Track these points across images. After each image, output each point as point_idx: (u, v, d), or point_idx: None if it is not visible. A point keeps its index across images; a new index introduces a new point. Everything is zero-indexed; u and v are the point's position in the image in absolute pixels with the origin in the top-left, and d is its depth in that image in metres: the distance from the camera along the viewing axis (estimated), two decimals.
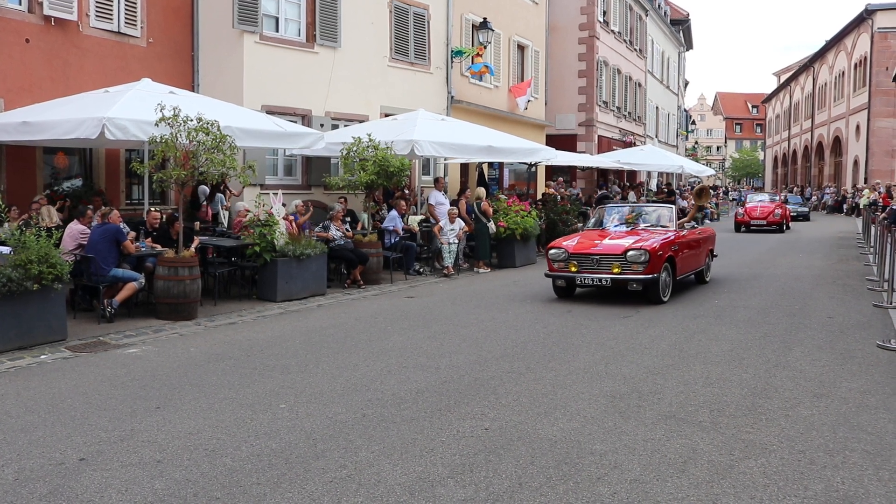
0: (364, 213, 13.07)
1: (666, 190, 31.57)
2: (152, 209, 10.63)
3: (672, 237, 10.65)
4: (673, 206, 12.01)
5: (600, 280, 9.99)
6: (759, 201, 27.64)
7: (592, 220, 12.30)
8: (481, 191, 15.54)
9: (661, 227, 11.21)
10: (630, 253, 9.82)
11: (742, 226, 26.11)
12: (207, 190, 12.96)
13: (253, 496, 4.01)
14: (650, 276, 9.78)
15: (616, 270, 9.88)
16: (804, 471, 4.33)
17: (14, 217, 9.94)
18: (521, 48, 23.79)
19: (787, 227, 26.64)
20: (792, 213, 32.38)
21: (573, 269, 10.15)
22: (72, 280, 8.52)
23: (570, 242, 10.58)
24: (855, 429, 5.05)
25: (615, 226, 11.53)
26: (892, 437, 4.87)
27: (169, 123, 8.83)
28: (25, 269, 7.31)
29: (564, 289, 10.67)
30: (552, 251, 10.42)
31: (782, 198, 30.53)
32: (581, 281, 10.13)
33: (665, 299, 10.13)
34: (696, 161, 46.83)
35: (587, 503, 3.92)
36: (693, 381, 6.28)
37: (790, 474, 4.28)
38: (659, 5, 40.10)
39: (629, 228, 11.28)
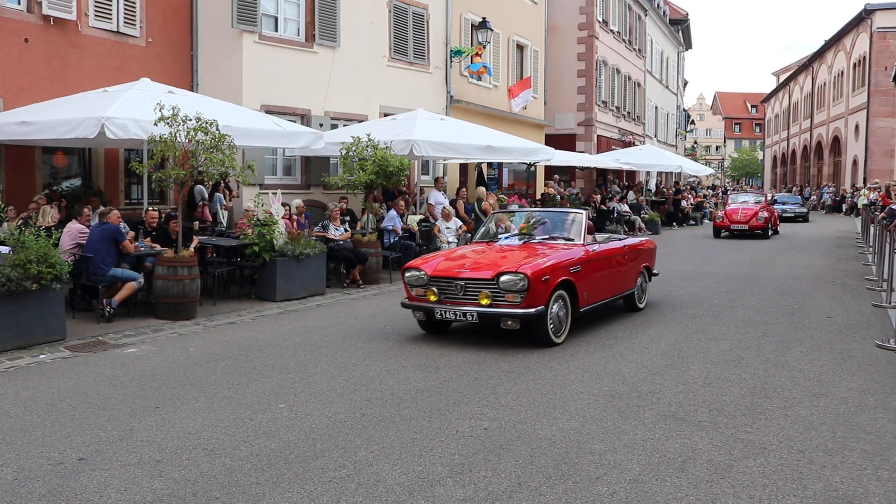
0: (368, 213, 13.06)
1: (673, 189, 31.61)
2: (150, 209, 10.61)
3: (574, 255, 8.04)
4: (584, 212, 8.97)
5: (464, 314, 7.32)
6: (742, 202, 24.33)
7: (482, 230, 9.40)
8: (482, 190, 15.56)
9: (565, 239, 8.50)
10: (503, 278, 7.15)
11: (721, 230, 22.89)
12: (204, 190, 12.95)
13: (252, 496, 4.01)
14: (530, 309, 7.15)
15: (485, 302, 7.25)
16: (803, 470, 4.33)
17: (12, 217, 9.94)
18: (521, 48, 23.79)
19: (775, 232, 23.88)
20: (789, 214, 31.43)
21: (432, 298, 7.51)
22: (71, 280, 8.52)
23: (433, 262, 7.86)
24: (854, 428, 5.05)
25: (505, 237, 8.72)
26: (891, 437, 4.88)
27: (168, 123, 8.83)
28: (24, 269, 7.31)
29: (434, 324, 8.03)
30: (408, 273, 7.77)
31: (769, 198, 27.35)
32: (441, 314, 7.44)
33: (558, 340, 7.52)
34: (696, 161, 46.87)
35: (586, 503, 3.92)
36: (692, 380, 6.29)
37: (789, 474, 4.28)
38: (658, 5, 40.10)
39: (522, 242, 8.48)
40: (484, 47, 20.16)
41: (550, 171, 24.86)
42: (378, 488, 4.09)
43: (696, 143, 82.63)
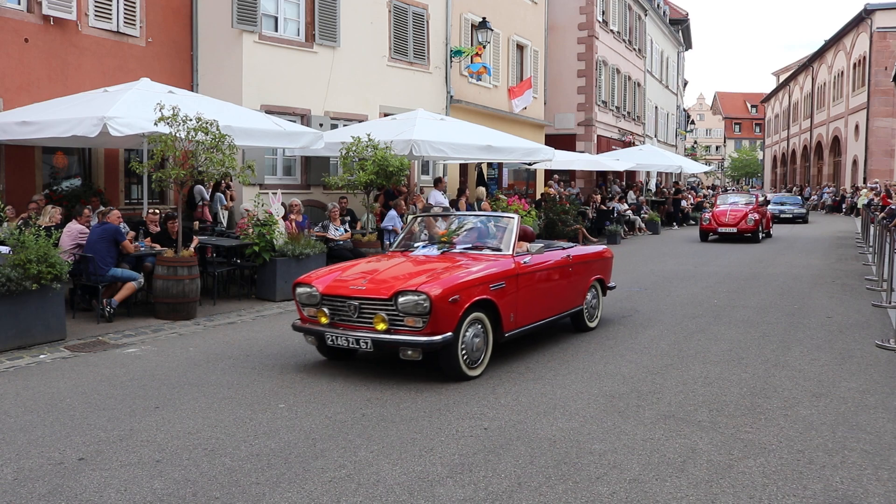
0: (371, 214, 13.06)
1: (673, 189, 31.58)
2: (150, 212, 10.60)
3: (499, 268, 6.69)
4: (516, 218, 7.45)
5: (357, 341, 6.10)
6: (732, 203, 22.73)
7: (401, 237, 8.01)
8: (481, 190, 15.56)
9: (491, 249, 7.17)
10: (402, 298, 5.93)
11: (708, 233, 21.36)
12: (204, 190, 12.95)
13: (252, 496, 4.01)
14: (434, 337, 5.89)
15: (381, 327, 6.02)
16: (803, 470, 4.33)
17: (11, 217, 9.94)
18: (521, 48, 23.79)
19: (768, 235, 22.53)
20: (787, 216, 30.57)
21: (323, 320, 6.36)
22: (71, 280, 8.52)
23: (328, 276, 6.66)
24: (854, 428, 5.05)
25: (423, 247, 7.46)
26: (891, 437, 4.88)
27: (168, 123, 8.83)
28: (24, 269, 7.31)
29: (332, 350, 6.77)
30: (299, 289, 6.60)
31: (761, 198, 25.64)
32: (332, 340, 6.25)
33: (474, 373, 6.28)
34: (696, 161, 46.89)
35: (586, 503, 3.92)
36: (692, 380, 6.29)
37: (789, 474, 4.28)
38: (658, 5, 40.10)
39: (441, 252, 7.22)
40: (484, 47, 20.16)
41: (550, 171, 24.86)
42: (378, 488, 4.09)
43: (696, 143, 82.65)
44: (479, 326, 6.39)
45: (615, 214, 22.72)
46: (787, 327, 8.58)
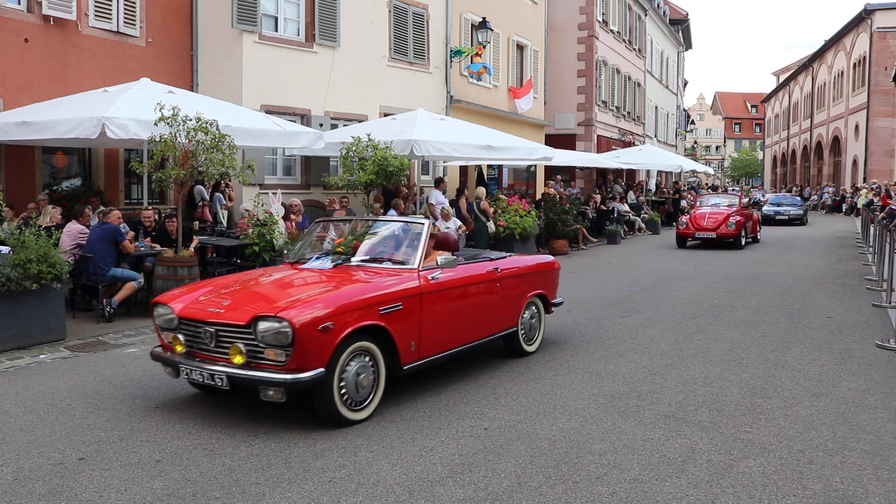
0: (370, 213, 13.06)
1: (673, 189, 31.55)
2: (144, 209, 10.59)
3: (398, 285, 5.60)
4: (426, 224, 6.27)
5: (212, 377, 5.06)
6: (713, 205, 20.61)
7: (299, 245, 6.92)
8: (481, 190, 15.56)
9: (393, 262, 6.05)
10: (261, 325, 4.89)
11: (686, 239, 19.21)
12: (204, 191, 12.95)
13: (252, 496, 4.01)
14: (300, 374, 4.82)
15: (237, 360, 4.98)
16: (803, 470, 4.33)
17: (11, 217, 9.94)
18: (521, 48, 23.79)
19: (754, 240, 20.53)
20: (783, 217, 28.91)
21: (178, 349, 5.37)
22: (71, 280, 8.52)
23: (190, 295, 5.61)
24: (854, 428, 5.05)
25: (317, 258, 6.33)
26: (891, 437, 4.88)
27: (168, 123, 8.83)
28: (24, 269, 7.32)
29: (200, 385, 5.53)
30: (156, 311, 5.61)
31: (747, 199, 23.19)
32: (187, 374, 5.24)
33: (358, 416, 5.19)
34: (696, 161, 46.88)
35: (586, 503, 3.92)
36: (692, 380, 6.29)
37: (789, 474, 4.28)
38: (658, 5, 40.10)
39: (334, 265, 6.10)
40: (484, 47, 20.16)
41: (550, 170, 24.87)
42: (378, 488, 4.09)
43: (696, 143, 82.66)
44: (367, 359, 5.26)
45: (615, 214, 22.72)
46: (787, 327, 8.58)
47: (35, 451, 4.66)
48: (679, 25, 46.90)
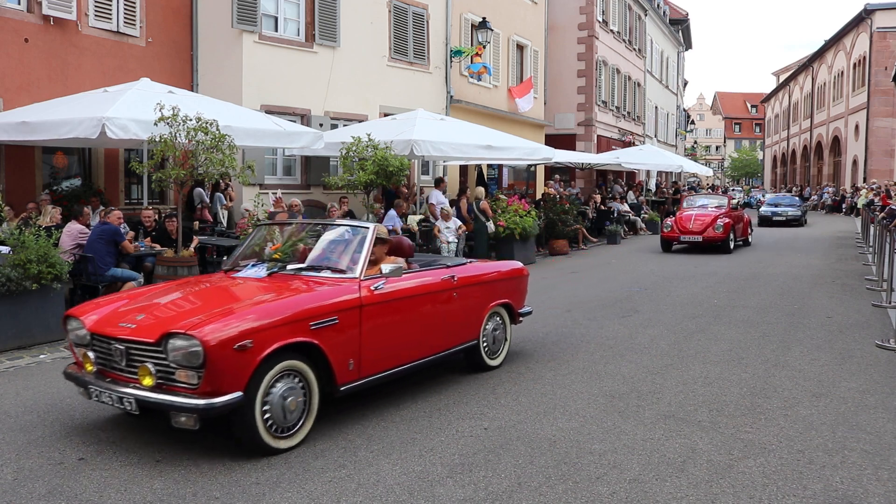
0: (370, 213, 13.06)
1: (673, 189, 31.54)
2: (144, 208, 10.59)
3: (335, 296, 5.10)
4: (372, 228, 5.71)
5: (120, 400, 4.54)
6: (700, 206, 19.29)
7: (236, 252, 6.26)
8: (480, 190, 15.56)
9: (333, 270, 5.50)
10: (172, 342, 4.37)
11: (671, 243, 18.06)
12: (203, 193, 12.94)
13: (252, 495, 4.01)
14: (214, 399, 4.30)
15: (147, 382, 4.46)
16: (803, 470, 4.33)
17: (11, 217, 9.94)
18: (521, 48, 23.79)
19: (745, 243, 19.39)
20: (780, 218, 27.93)
21: (88, 367, 4.84)
22: (71, 280, 8.51)
23: (106, 308, 5.10)
24: (854, 428, 5.05)
25: (252, 266, 5.73)
26: (891, 437, 4.88)
27: (168, 123, 8.83)
28: (24, 269, 7.32)
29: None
30: (69, 323, 5.07)
31: (737, 200, 21.18)
32: (97, 396, 4.69)
33: (283, 444, 4.65)
34: (696, 161, 46.88)
35: (586, 503, 3.92)
36: (692, 380, 6.29)
37: (789, 474, 4.28)
38: (658, 5, 40.10)
39: (269, 273, 5.55)
40: (484, 47, 20.16)
41: (550, 171, 24.87)
42: (378, 488, 4.09)
43: (696, 143, 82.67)
44: (296, 380, 4.73)
45: (615, 214, 22.72)
46: (787, 327, 8.58)
47: (35, 451, 4.66)
48: (679, 25, 46.90)
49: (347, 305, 5.08)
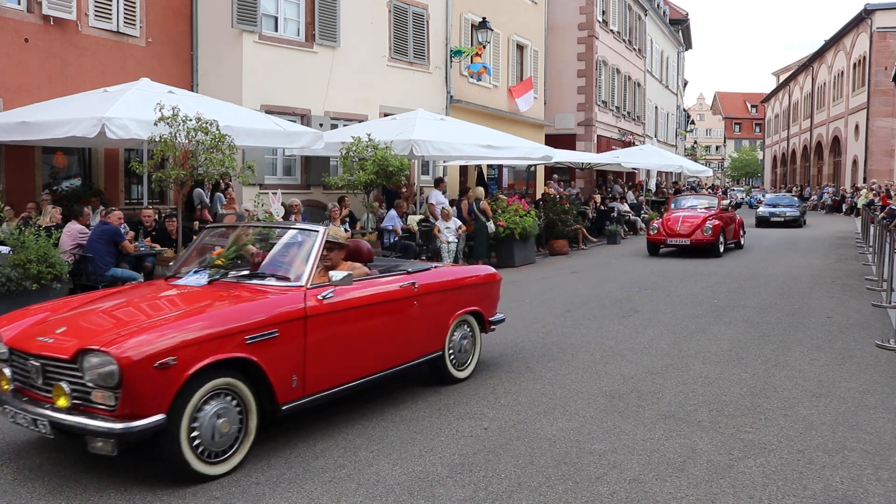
0: (370, 213, 13.05)
1: (673, 189, 31.53)
2: (144, 208, 10.58)
3: (276, 307, 4.67)
4: (319, 232, 5.22)
5: (34, 422, 4.12)
6: (689, 207, 18.46)
7: (182, 257, 5.83)
8: (480, 190, 15.56)
9: (277, 279, 5.06)
10: (87, 360, 3.97)
11: (657, 246, 17.17)
12: (203, 194, 12.93)
13: (252, 495, 4.01)
14: (133, 423, 3.91)
15: (61, 403, 4.06)
16: (803, 470, 4.33)
17: (11, 217, 9.94)
18: (521, 48, 23.79)
19: (737, 246, 18.59)
20: (778, 219, 27.11)
21: (4, 384, 4.44)
22: (71, 280, 8.52)
23: (28, 319, 4.68)
24: (854, 428, 5.05)
25: (194, 273, 5.29)
26: (891, 437, 4.88)
27: (168, 123, 8.83)
28: (24, 269, 7.33)
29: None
30: None
31: (729, 201, 20.62)
32: (13, 417, 4.25)
33: (213, 471, 4.24)
34: (696, 161, 46.89)
35: (586, 503, 3.92)
36: (692, 380, 6.29)
37: (789, 474, 4.28)
38: (658, 5, 40.11)
39: (210, 281, 5.12)
40: (484, 47, 20.16)
41: (550, 170, 24.87)
42: (378, 488, 4.09)
43: (696, 143, 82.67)
44: (231, 400, 4.33)
45: (615, 214, 22.71)
46: (787, 327, 8.58)
47: (35, 451, 4.65)
48: (679, 25, 46.91)
49: (290, 317, 4.65)
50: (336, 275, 4.99)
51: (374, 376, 5.36)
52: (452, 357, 6.21)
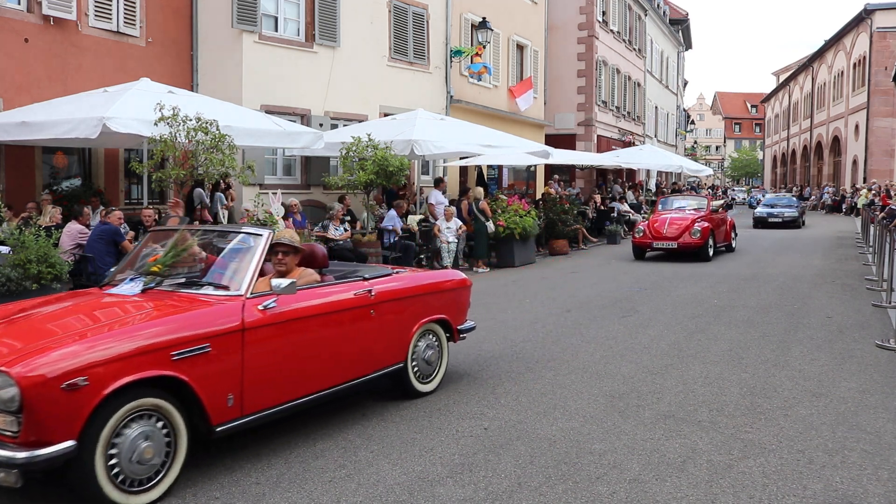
0: (369, 212, 13.05)
1: (672, 189, 31.52)
2: (143, 209, 10.57)
3: (203, 323, 4.24)
4: (263, 235, 4.92)
5: None
6: (677, 209, 17.44)
7: (122, 262, 5.48)
8: (479, 190, 15.56)
9: (215, 287, 4.68)
10: None
11: (643, 250, 16.20)
12: (203, 194, 12.92)
13: (252, 496, 4.01)
14: (38, 451, 3.51)
15: None
16: (803, 470, 4.33)
17: (11, 217, 9.94)
18: (521, 48, 23.79)
19: (729, 249, 17.67)
20: (776, 220, 26.45)
21: None
22: (71, 280, 8.51)
23: None
24: (854, 428, 5.05)
25: (129, 280, 4.88)
26: (891, 437, 4.88)
27: (168, 123, 8.83)
28: (24, 269, 7.32)
29: None
30: None
31: (720, 202, 20.06)
32: None
33: (139, 501, 3.87)
34: (695, 161, 46.88)
35: (586, 503, 3.92)
36: (692, 380, 6.29)
37: (789, 474, 4.28)
38: (658, 5, 40.11)
39: (144, 289, 4.72)
40: (484, 47, 20.17)
41: (550, 170, 24.87)
42: (378, 488, 4.10)
43: (696, 143, 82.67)
44: (156, 422, 3.96)
45: (615, 214, 22.71)
46: (787, 327, 8.58)
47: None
48: (679, 25, 46.91)
49: (224, 330, 4.25)
50: (279, 282, 4.58)
51: (325, 392, 4.94)
52: (416, 369, 5.81)
